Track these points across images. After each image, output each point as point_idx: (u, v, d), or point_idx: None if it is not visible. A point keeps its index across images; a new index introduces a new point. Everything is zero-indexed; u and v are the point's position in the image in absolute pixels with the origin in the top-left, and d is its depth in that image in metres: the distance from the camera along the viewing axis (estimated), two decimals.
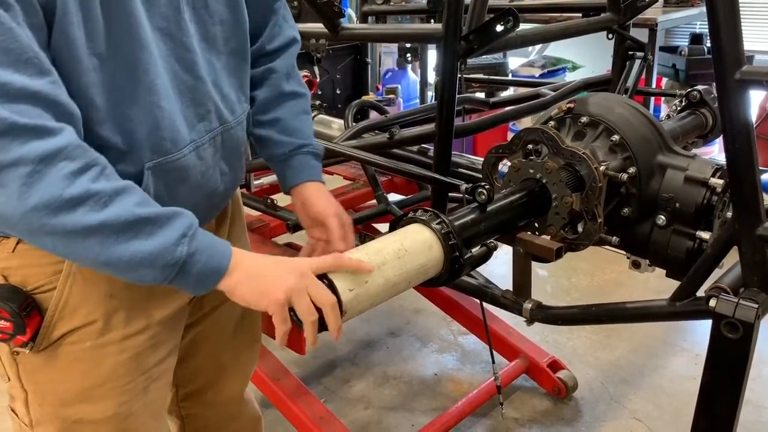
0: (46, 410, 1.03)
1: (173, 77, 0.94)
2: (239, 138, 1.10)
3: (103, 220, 0.81)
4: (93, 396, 1.02)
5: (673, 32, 4.80)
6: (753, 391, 2.27)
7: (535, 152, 1.24)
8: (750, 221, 0.99)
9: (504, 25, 1.26)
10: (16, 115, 0.76)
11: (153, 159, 0.93)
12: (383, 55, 4.79)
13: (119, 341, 1.01)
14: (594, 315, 1.24)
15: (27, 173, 0.77)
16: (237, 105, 1.08)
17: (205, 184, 1.03)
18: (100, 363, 1.01)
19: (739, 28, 0.91)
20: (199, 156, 1.00)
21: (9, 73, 0.76)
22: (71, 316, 0.97)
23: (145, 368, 1.06)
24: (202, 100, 0.99)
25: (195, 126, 0.98)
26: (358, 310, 0.93)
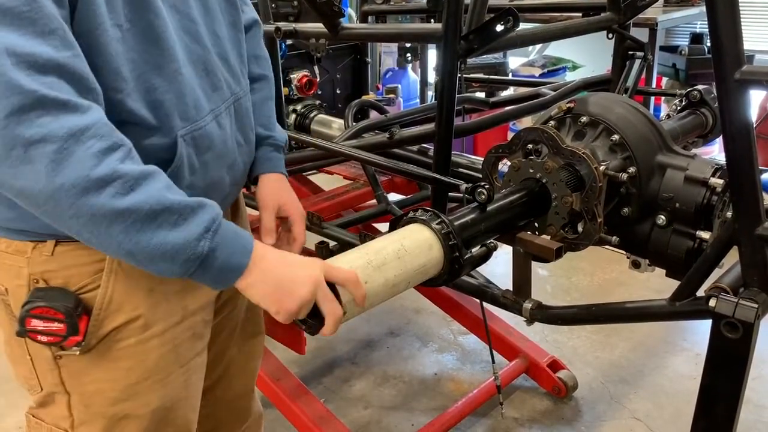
0: (92, 410, 1.02)
1: (185, 47, 0.96)
2: (248, 109, 1.11)
3: (129, 205, 0.79)
4: (138, 391, 1.02)
5: (674, 32, 4.80)
6: (753, 390, 2.28)
7: (535, 152, 1.24)
8: (750, 221, 0.98)
9: (504, 24, 1.26)
10: (45, 87, 0.74)
11: (184, 127, 0.94)
12: (383, 54, 4.79)
13: (161, 334, 1.02)
14: (594, 315, 1.24)
15: (55, 150, 0.75)
16: (241, 77, 1.10)
17: (227, 154, 1.04)
18: (144, 358, 1.01)
19: (739, 28, 0.91)
20: (219, 124, 1.01)
21: (36, 43, 0.74)
22: (116, 314, 0.98)
23: (183, 361, 1.07)
24: (213, 69, 1.01)
25: (211, 96, 1.00)
26: (357, 310, 0.93)
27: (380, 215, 2.07)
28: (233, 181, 1.09)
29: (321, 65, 2.34)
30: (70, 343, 0.95)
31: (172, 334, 1.04)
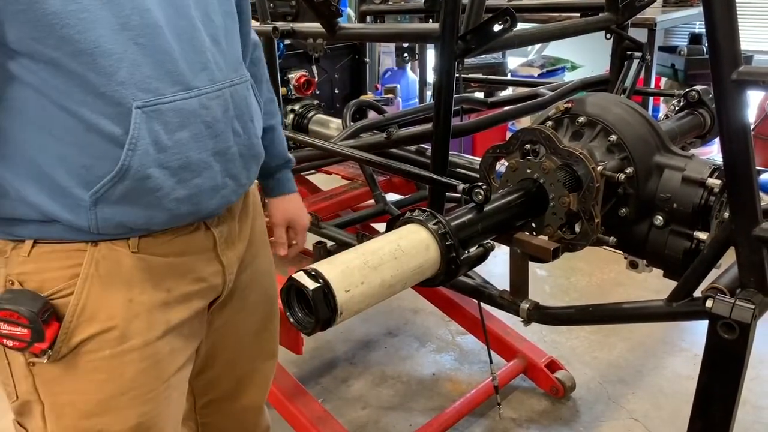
0: (63, 423, 1.00)
1: (168, 20, 0.93)
2: (248, 98, 1.08)
3: None
4: (114, 407, 0.99)
5: (672, 32, 4.80)
6: (751, 391, 2.27)
7: (532, 152, 1.24)
8: (747, 222, 0.98)
9: (501, 24, 1.26)
10: None
11: (144, 99, 0.90)
12: (382, 54, 4.79)
13: (140, 348, 0.99)
14: (591, 315, 1.24)
15: None
16: (238, 66, 1.07)
17: (215, 138, 1.00)
18: (120, 372, 0.99)
19: (736, 28, 0.91)
20: (202, 104, 0.97)
21: None
22: (89, 323, 0.95)
23: (165, 376, 1.04)
24: (201, 48, 0.98)
25: (198, 74, 0.97)
26: (354, 311, 0.92)
27: (378, 215, 2.07)
28: (227, 173, 1.04)
29: (319, 65, 2.34)
30: (35, 350, 0.92)
31: (153, 349, 1.01)
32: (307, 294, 0.88)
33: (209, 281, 1.09)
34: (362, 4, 2.43)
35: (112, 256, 0.96)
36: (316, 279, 0.89)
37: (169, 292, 1.02)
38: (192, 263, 1.05)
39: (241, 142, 1.06)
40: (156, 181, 0.93)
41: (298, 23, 1.87)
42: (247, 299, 1.21)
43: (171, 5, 0.94)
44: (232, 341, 1.24)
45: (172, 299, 1.02)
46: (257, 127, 1.12)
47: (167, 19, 0.93)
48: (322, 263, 0.92)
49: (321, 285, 0.89)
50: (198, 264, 1.07)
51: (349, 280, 0.91)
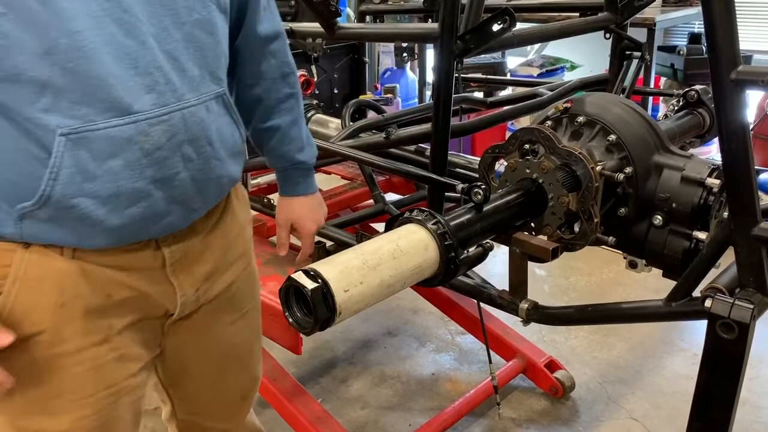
0: (2, 418, 0.98)
1: (109, 40, 0.86)
2: (206, 122, 0.98)
3: None
4: (50, 408, 0.98)
5: (672, 32, 4.80)
6: (751, 391, 2.27)
7: (531, 152, 1.24)
8: (746, 222, 0.98)
9: (500, 24, 1.26)
10: None
11: (70, 125, 0.85)
12: (382, 54, 4.79)
13: (75, 353, 0.96)
14: (590, 315, 1.24)
15: None
16: (201, 83, 0.98)
17: (155, 166, 0.92)
18: (54, 375, 0.96)
19: (735, 28, 0.91)
20: (141, 131, 0.90)
21: None
22: (18, 325, 0.93)
23: (110, 382, 1.01)
24: (148, 68, 0.90)
25: (140, 98, 0.89)
26: (352, 311, 0.92)
27: (377, 215, 2.07)
28: (172, 200, 0.97)
29: (318, 65, 2.34)
30: None
31: (90, 354, 0.97)
32: (306, 294, 0.88)
33: (154, 299, 1.04)
34: (361, 3, 2.43)
35: (43, 260, 0.93)
36: (315, 279, 0.89)
37: (109, 297, 0.98)
38: (134, 280, 1.00)
39: (194, 167, 0.97)
40: (83, 210, 0.89)
41: (297, 23, 1.87)
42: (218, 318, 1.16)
43: (115, 23, 0.86)
44: (201, 357, 1.19)
45: (113, 304, 0.98)
46: (219, 148, 1.02)
47: (107, 39, 0.86)
48: (321, 263, 0.92)
49: (320, 285, 0.89)
50: (141, 281, 1.01)
51: (348, 280, 0.91)
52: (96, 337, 0.98)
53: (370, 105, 2.21)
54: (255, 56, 1.15)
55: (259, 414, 1.49)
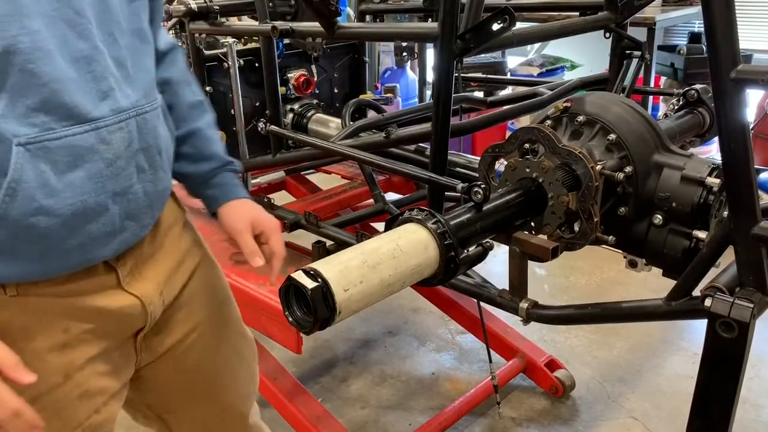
0: None
1: (63, 43, 0.82)
2: (157, 129, 0.97)
3: None
4: None
5: (672, 31, 4.80)
6: (751, 390, 2.27)
7: (531, 151, 1.24)
8: (746, 221, 0.98)
9: (500, 23, 1.26)
10: None
11: (28, 135, 0.79)
12: (382, 53, 4.79)
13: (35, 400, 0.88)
14: (590, 315, 1.24)
15: None
16: (147, 90, 0.96)
17: (115, 178, 0.89)
18: None
19: (735, 27, 0.91)
20: (102, 139, 0.86)
21: None
22: None
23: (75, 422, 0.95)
24: (103, 73, 0.86)
25: (98, 104, 0.86)
26: (352, 310, 0.92)
27: (377, 214, 2.07)
28: (126, 215, 0.93)
29: (318, 64, 2.34)
30: None
31: (52, 397, 0.91)
32: (306, 293, 0.88)
33: (122, 315, 0.99)
34: (361, 3, 2.43)
35: None
36: (315, 278, 0.89)
37: (66, 332, 0.92)
38: (90, 302, 0.94)
39: (146, 179, 0.95)
40: (40, 231, 0.82)
41: (297, 22, 1.87)
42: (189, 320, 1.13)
43: (68, 25, 0.82)
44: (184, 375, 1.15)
45: (72, 339, 0.93)
46: (166, 159, 1.01)
47: (62, 41, 0.81)
48: (321, 262, 0.92)
49: (320, 284, 0.89)
50: (99, 300, 0.95)
51: (348, 280, 0.91)
52: (56, 378, 0.92)
53: (370, 104, 2.21)
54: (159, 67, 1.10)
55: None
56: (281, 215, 1.93)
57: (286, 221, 1.84)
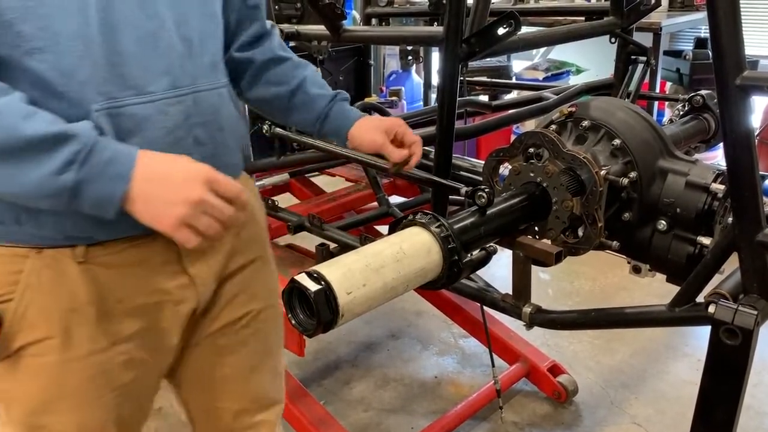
0: (11, 416, 1.01)
1: (131, 21, 0.90)
2: (218, 106, 1.03)
3: None
4: (56, 409, 0.99)
5: (678, 36, 4.79)
6: (755, 397, 2.27)
7: (536, 156, 1.24)
8: (750, 227, 0.98)
9: (506, 28, 1.26)
10: None
11: (101, 101, 0.88)
12: (387, 57, 4.80)
13: (84, 358, 0.98)
14: (593, 320, 1.24)
15: None
16: (210, 71, 1.03)
17: (170, 148, 0.94)
18: (63, 378, 0.98)
19: (740, 33, 0.91)
20: (161, 110, 0.93)
21: None
22: (30, 330, 0.94)
23: (116, 385, 1.02)
24: (167, 51, 0.94)
25: (159, 78, 0.93)
26: (355, 313, 0.92)
27: (381, 217, 2.07)
28: None
29: (324, 67, 2.35)
30: None
31: (99, 359, 0.99)
32: (309, 296, 0.88)
33: (174, 294, 1.04)
34: (367, 6, 2.44)
35: (55, 265, 0.94)
36: (318, 281, 0.89)
37: (120, 302, 0.99)
38: (149, 275, 1.01)
39: (205, 152, 1.00)
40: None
41: (303, 25, 1.87)
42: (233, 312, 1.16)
43: (138, 5, 0.91)
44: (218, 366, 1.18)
45: (123, 310, 0.99)
46: (229, 137, 1.06)
47: (130, 19, 0.90)
48: (324, 265, 0.92)
49: (323, 287, 0.89)
50: (157, 277, 1.02)
51: (351, 282, 0.91)
52: (105, 342, 0.99)
53: (374, 107, 2.21)
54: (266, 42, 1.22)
55: None
56: (285, 217, 1.93)
57: (289, 224, 1.84)
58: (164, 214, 0.87)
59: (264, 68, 1.21)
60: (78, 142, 0.83)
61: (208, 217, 0.88)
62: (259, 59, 1.20)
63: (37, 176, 0.81)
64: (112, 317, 0.99)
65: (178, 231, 0.87)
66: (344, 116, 1.25)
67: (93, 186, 0.83)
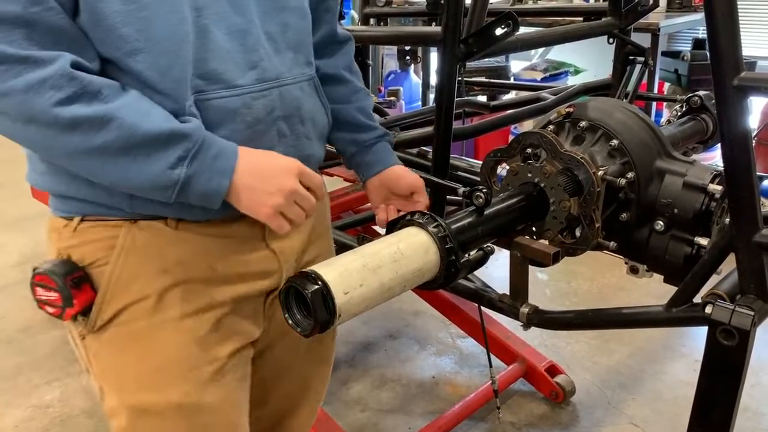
0: (115, 399, 1.03)
1: (221, 18, 0.94)
2: (301, 101, 1.06)
3: (100, 144, 0.84)
4: (155, 382, 1.01)
5: (676, 37, 4.80)
6: (752, 398, 2.27)
7: (533, 156, 1.24)
8: (747, 228, 0.98)
9: (503, 28, 1.26)
10: (6, 44, 0.79)
11: (194, 93, 0.93)
12: (385, 57, 4.80)
13: (176, 320, 1.00)
14: (590, 320, 1.24)
15: (18, 102, 0.81)
16: (294, 65, 1.06)
17: (255, 139, 0.99)
18: (157, 344, 1.00)
19: (738, 34, 0.91)
20: (245, 103, 0.97)
21: (6, 3, 0.79)
22: (124, 292, 0.98)
23: (212, 356, 1.03)
24: (255, 46, 0.98)
25: (246, 72, 0.97)
26: (352, 313, 0.92)
27: None
28: None
29: None
30: (67, 315, 0.96)
31: (192, 323, 1.01)
32: (306, 296, 0.88)
33: (259, 265, 1.08)
34: (365, 6, 2.44)
35: (149, 231, 0.98)
36: (315, 281, 0.89)
37: (211, 269, 1.02)
38: (236, 246, 1.05)
39: (288, 143, 1.04)
40: None
41: None
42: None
43: (228, 2, 0.95)
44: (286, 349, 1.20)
45: (216, 278, 1.03)
46: (311, 129, 1.09)
47: (221, 16, 0.94)
48: (321, 265, 0.92)
49: (320, 287, 0.89)
50: (244, 247, 1.06)
51: (348, 282, 0.91)
52: (196, 306, 1.01)
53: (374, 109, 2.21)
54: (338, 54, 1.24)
55: None
56: None
57: None
58: (262, 203, 0.93)
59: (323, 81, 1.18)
60: (190, 139, 0.89)
61: (298, 207, 0.96)
62: (322, 71, 1.18)
63: (151, 170, 0.87)
64: (205, 283, 1.02)
65: (273, 219, 0.94)
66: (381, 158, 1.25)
67: (201, 180, 0.90)
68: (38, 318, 2.88)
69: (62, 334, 2.68)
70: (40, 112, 0.82)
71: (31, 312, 2.93)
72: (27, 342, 2.73)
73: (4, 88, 0.80)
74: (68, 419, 2.28)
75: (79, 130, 0.83)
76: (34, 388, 2.44)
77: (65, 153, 0.86)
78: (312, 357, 1.27)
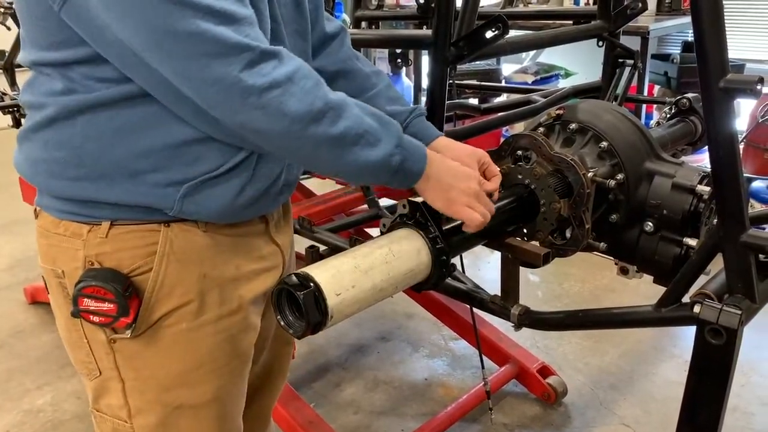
0: (147, 397, 1.03)
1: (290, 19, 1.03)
2: None
3: (342, 130, 0.90)
4: (191, 380, 1.04)
5: (666, 40, 4.83)
6: (741, 397, 2.28)
7: (524, 158, 1.25)
8: (734, 228, 0.99)
9: (494, 31, 1.27)
10: (257, 41, 0.85)
11: None
12: (378, 60, 4.80)
13: (214, 322, 1.03)
14: (580, 321, 1.25)
15: (281, 93, 0.85)
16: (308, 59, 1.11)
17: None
18: (197, 345, 1.03)
19: (724, 37, 0.92)
20: None
21: (235, 6, 0.84)
22: (168, 298, 0.99)
23: (239, 351, 1.08)
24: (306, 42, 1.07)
25: None
26: (344, 315, 0.93)
27: (371, 220, 2.07)
28: (285, 182, 1.09)
29: None
30: (120, 324, 0.96)
31: (228, 323, 1.05)
32: (298, 297, 0.88)
33: (270, 260, 1.13)
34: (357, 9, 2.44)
35: (184, 234, 1.00)
36: (307, 282, 0.90)
37: (237, 269, 1.06)
38: (253, 242, 1.09)
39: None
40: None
41: None
42: None
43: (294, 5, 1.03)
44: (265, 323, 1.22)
45: (241, 276, 1.07)
46: None
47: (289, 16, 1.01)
48: (313, 267, 0.92)
49: (312, 289, 0.89)
50: (257, 242, 1.10)
51: (340, 284, 0.91)
52: (230, 307, 1.05)
53: None
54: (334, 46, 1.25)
55: None
56: None
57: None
58: (457, 188, 1.01)
59: (333, 79, 1.18)
60: (397, 127, 0.98)
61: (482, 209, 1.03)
62: (329, 69, 1.19)
63: (376, 156, 0.93)
64: (235, 282, 1.06)
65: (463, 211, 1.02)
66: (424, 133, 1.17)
67: (409, 164, 0.97)
68: (29, 322, 2.87)
69: (53, 338, 2.67)
70: (299, 101, 0.86)
71: (22, 316, 2.92)
72: (18, 346, 2.71)
73: (269, 80, 0.84)
74: (60, 423, 2.27)
75: (327, 117, 0.88)
76: (26, 392, 2.42)
77: (312, 141, 0.89)
78: (282, 339, 1.31)
